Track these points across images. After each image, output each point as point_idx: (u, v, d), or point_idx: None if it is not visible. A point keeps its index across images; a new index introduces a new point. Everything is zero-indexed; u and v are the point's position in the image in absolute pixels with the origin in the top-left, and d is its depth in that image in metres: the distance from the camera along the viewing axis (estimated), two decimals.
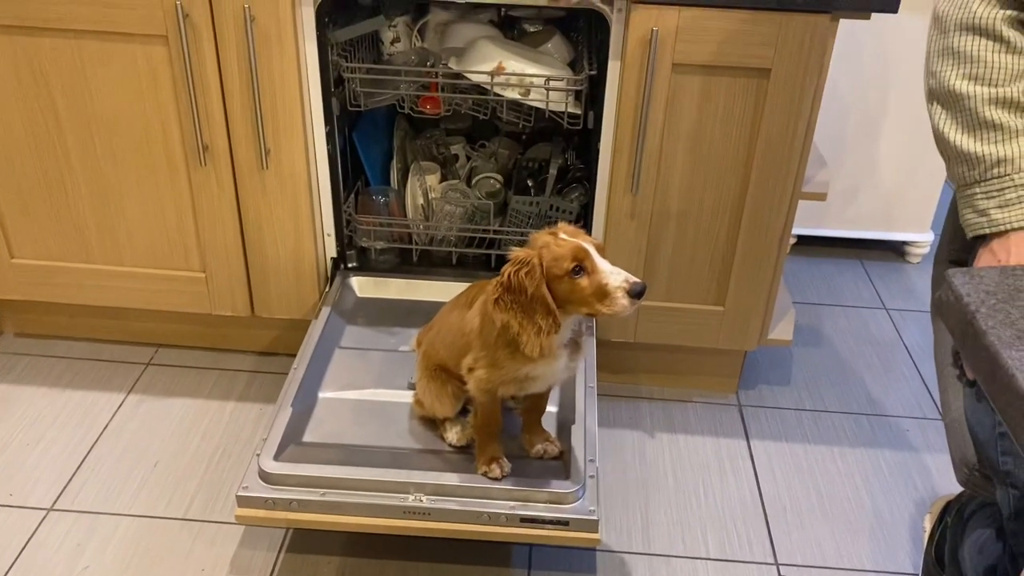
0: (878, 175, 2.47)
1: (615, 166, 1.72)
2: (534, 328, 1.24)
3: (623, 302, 1.21)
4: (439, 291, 1.86)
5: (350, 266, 1.95)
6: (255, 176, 1.77)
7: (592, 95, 1.81)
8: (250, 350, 2.11)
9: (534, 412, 1.49)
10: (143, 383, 2.00)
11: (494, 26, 1.97)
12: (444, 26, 1.96)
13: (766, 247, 1.78)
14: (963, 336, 0.81)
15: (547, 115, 1.84)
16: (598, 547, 1.51)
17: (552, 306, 1.24)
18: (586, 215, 1.87)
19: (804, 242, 2.63)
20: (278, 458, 1.43)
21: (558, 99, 1.78)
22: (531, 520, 1.38)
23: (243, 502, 1.39)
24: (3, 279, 1.94)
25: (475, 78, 1.78)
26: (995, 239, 1.07)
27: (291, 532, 1.64)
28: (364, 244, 1.96)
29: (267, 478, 1.40)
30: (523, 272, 1.23)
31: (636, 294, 1.21)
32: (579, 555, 1.63)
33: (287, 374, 1.63)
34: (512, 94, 1.77)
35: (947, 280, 0.85)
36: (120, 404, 1.94)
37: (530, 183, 2.04)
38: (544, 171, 2.04)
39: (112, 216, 1.85)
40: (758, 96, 1.63)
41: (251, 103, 1.68)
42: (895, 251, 2.68)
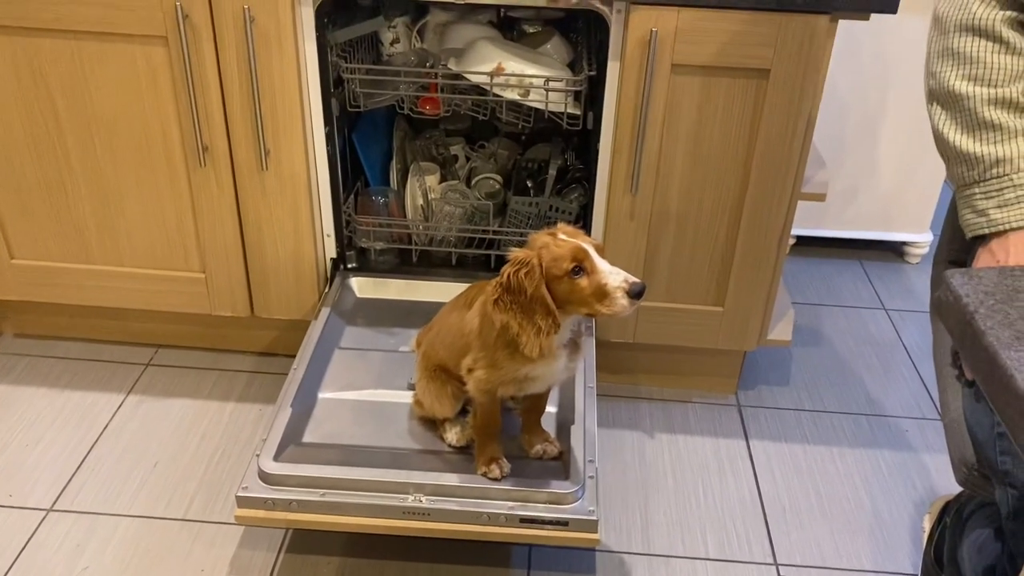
0: (877, 176, 2.47)
1: (614, 167, 1.72)
2: (533, 328, 1.24)
3: (622, 302, 1.21)
4: (438, 292, 1.86)
5: (350, 267, 1.95)
6: (255, 177, 1.77)
7: (591, 96, 1.81)
8: (250, 351, 2.11)
9: (533, 412, 1.49)
10: (143, 384, 2.00)
11: (493, 27, 1.97)
12: (443, 27, 1.96)
13: (765, 247, 1.78)
14: (962, 336, 0.82)
15: (546, 116, 1.84)
16: (597, 547, 1.51)
17: (551, 306, 1.24)
18: (585, 216, 1.87)
19: (803, 242, 2.63)
20: (278, 459, 1.43)
21: (557, 100, 1.78)
22: (530, 520, 1.38)
23: (243, 502, 1.39)
24: (3, 280, 1.94)
25: (474, 79, 1.78)
26: (994, 239, 1.07)
27: (291, 533, 1.64)
28: (364, 245, 1.96)
29: (267, 478, 1.40)
30: (522, 272, 1.23)
31: (635, 294, 1.21)
32: (578, 555, 1.63)
33: (287, 375, 1.63)
34: (511, 95, 1.77)
35: (946, 280, 0.85)
36: (120, 405, 1.94)
37: (529, 184, 2.04)
38: (543, 172, 2.04)
39: (112, 217, 1.85)
40: (757, 97, 1.63)
41: (251, 104, 1.68)
42: (894, 251, 2.68)
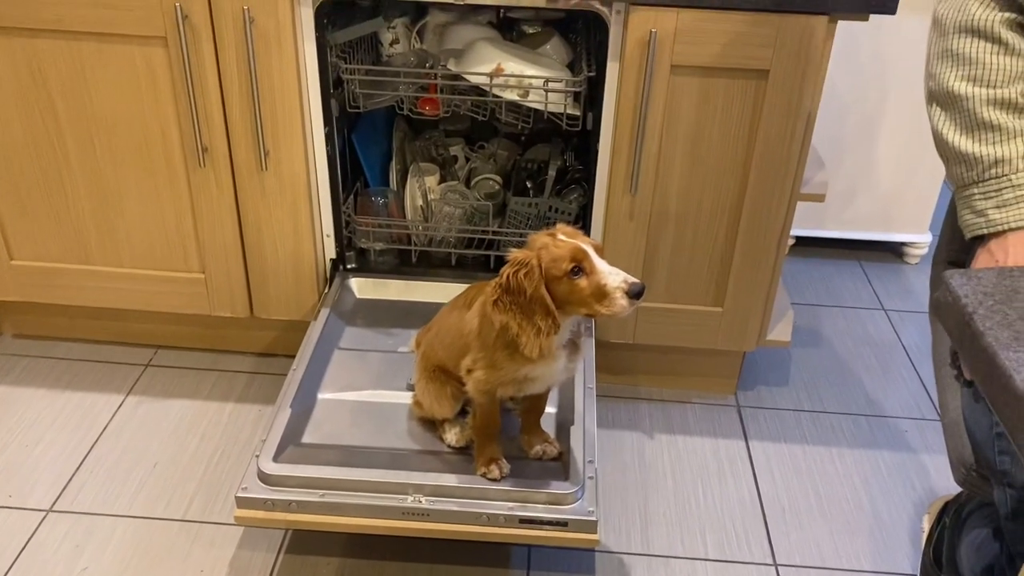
0: (876, 176, 2.47)
1: (614, 167, 1.72)
2: (533, 329, 1.24)
3: (622, 302, 1.21)
4: (438, 292, 1.86)
5: (349, 267, 1.95)
6: (254, 177, 1.77)
7: (591, 96, 1.81)
8: (249, 351, 2.11)
9: (533, 413, 1.49)
10: (142, 384, 2.00)
11: (493, 28, 1.97)
12: (443, 27, 1.96)
13: (765, 248, 1.78)
14: (961, 337, 0.82)
15: (546, 116, 1.84)
16: (597, 548, 1.51)
17: (551, 307, 1.24)
18: (585, 216, 1.88)
19: (803, 243, 2.63)
20: (277, 459, 1.43)
21: (557, 100, 1.78)
22: (530, 521, 1.38)
23: (242, 503, 1.39)
24: (2, 280, 1.93)
25: (474, 79, 1.78)
26: (993, 240, 1.07)
27: (290, 533, 1.64)
28: (363, 245, 1.96)
29: (266, 479, 1.40)
30: (522, 273, 1.23)
31: (635, 294, 1.21)
32: (578, 556, 1.63)
33: (286, 375, 1.63)
34: (511, 95, 1.77)
35: (945, 281, 0.85)
36: (119, 405, 1.94)
37: (529, 184, 2.04)
38: (543, 172, 2.05)
39: (111, 217, 1.85)
40: (756, 97, 1.63)
41: (250, 104, 1.68)
42: (893, 252, 2.68)
